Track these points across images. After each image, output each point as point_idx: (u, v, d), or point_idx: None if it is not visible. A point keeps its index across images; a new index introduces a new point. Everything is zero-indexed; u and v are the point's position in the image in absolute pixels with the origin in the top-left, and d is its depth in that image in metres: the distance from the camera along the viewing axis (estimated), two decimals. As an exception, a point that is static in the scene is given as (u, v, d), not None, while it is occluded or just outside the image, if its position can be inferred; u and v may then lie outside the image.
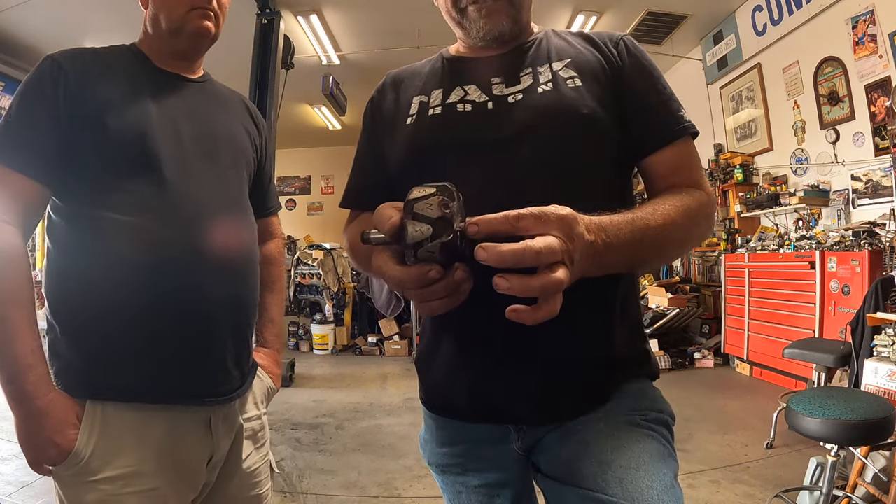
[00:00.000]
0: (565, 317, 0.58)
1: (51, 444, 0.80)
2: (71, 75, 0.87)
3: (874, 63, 3.70)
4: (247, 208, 1.03)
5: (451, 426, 0.84)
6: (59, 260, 0.87)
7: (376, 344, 6.32)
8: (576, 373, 0.74)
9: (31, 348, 0.79)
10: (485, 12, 0.78)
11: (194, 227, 0.88)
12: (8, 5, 4.37)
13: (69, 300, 0.86)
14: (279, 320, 1.16)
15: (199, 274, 0.88)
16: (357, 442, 3.21)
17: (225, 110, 1.05)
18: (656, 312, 5.05)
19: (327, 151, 9.52)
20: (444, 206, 0.50)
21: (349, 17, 5.06)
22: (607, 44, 0.81)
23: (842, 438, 1.63)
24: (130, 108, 0.88)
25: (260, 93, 4.10)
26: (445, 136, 0.78)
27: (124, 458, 0.83)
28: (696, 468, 2.65)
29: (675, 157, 0.77)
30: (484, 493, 0.82)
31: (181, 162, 0.90)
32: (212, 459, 0.93)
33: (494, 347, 0.73)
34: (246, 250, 0.98)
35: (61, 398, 0.82)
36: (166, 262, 0.85)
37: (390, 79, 0.92)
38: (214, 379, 0.91)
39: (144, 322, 0.84)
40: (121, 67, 0.93)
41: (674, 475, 0.71)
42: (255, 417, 1.02)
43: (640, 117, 0.77)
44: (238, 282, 0.95)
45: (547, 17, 5.01)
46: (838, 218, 4.04)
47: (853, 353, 2.64)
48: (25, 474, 2.54)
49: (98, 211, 0.85)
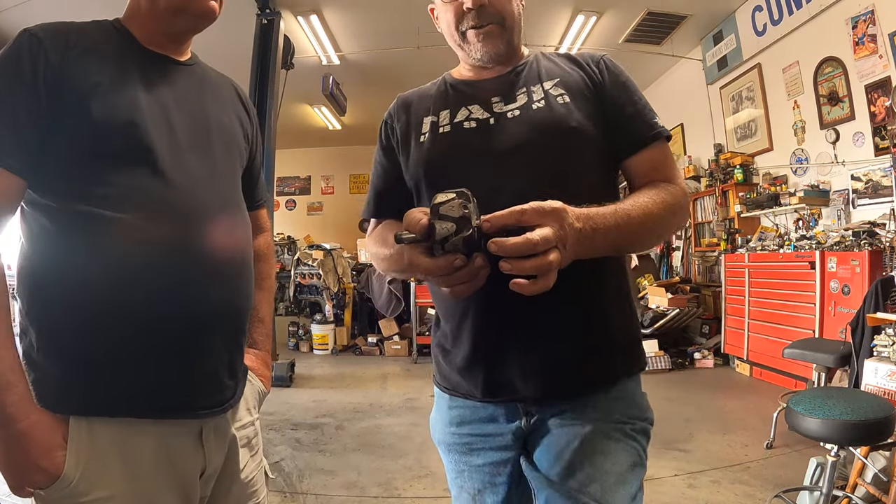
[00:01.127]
0: (570, 304, 0.82)
1: (36, 469, 0.72)
2: (52, 53, 0.77)
3: (874, 63, 3.70)
4: (241, 204, 0.96)
5: (463, 406, 0.94)
6: (35, 259, 0.79)
7: (376, 344, 6.31)
8: (576, 355, 0.86)
9: (9, 364, 0.71)
10: (482, 37, 0.90)
11: (189, 226, 0.81)
12: (8, 5, 4.37)
13: (46, 304, 0.78)
14: (268, 320, 1.09)
15: (194, 277, 0.81)
16: (357, 442, 3.21)
17: (216, 97, 0.97)
18: (656, 312, 5.05)
19: (327, 151, 9.52)
20: (463, 207, 0.64)
21: (349, 17, 5.06)
22: (590, 63, 0.94)
23: (842, 438, 1.63)
24: (118, 92, 0.80)
25: (260, 93, 4.10)
26: (456, 150, 0.90)
27: (114, 476, 0.77)
28: (696, 468, 2.65)
29: (651, 158, 0.90)
30: (486, 471, 0.92)
31: (174, 153, 0.82)
32: (204, 473, 0.86)
33: (507, 331, 0.85)
34: (240, 250, 0.91)
35: (45, 418, 0.73)
36: (158, 263, 0.78)
37: (399, 102, 1.03)
38: (207, 389, 0.85)
39: (133, 329, 0.77)
40: (106, 46, 0.83)
41: (640, 482, 0.86)
42: (248, 424, 0.96)
43: (620, 126, 0.90)
44: (234, 286, 0.88)
45: (547, 17, 5.01)
46: (838, 218, 4.04)
47: (853, 353, 2.64)
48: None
49: (81, 206, 0.76)
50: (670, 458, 2.80)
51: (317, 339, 6.41)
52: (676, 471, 2.64)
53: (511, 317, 0.83)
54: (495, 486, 0.92)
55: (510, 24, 0.92)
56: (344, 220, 9.31)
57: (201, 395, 0.84)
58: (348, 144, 9.20)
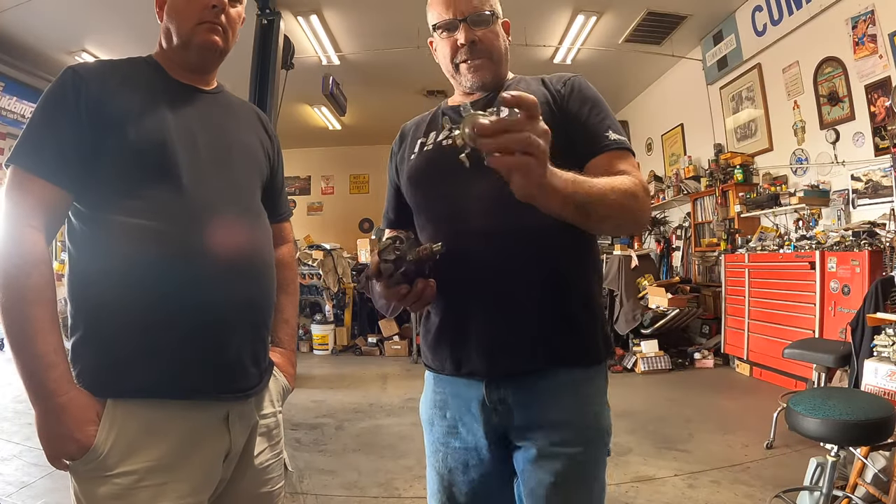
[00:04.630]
0: (524, 293, 0.94)
1: (70, 439, 0.82)
2: (92, 84, 0.90)
3: (874, 63, 3.70)
4: (260, 212, 1.06)
5: (443, 386, 1.05)
6: (80, 264, 0.91)
7: (376, 344, 6.31)
8: (524, 336, 0.95)
9: (53, 347, 0.82)
10: (472, 69, 1.03)
11: (210, 230, 0.92)
12: (8, 5, 4.37)
13: (91, 303, 0.89)
14: (293, 321, 1.20)
15: (214, 274, 0.91)
16: (357, 442, 3.21)
17: (238, 120, 1.09)
18: (656, 312, 5.05)
19: (327, 151, 9.52)
20: (395, 249, 0.82)
21: (349, 17, 5.06)
22: (555, 84, 1.03)
23: (842, 438, 1.63)
24: (149, 117, 0.92)
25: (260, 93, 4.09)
26: (433, 163, 1.03)
27: (142, 454, 0.85)
28: (696, 468, 2.65)
29: (609, 160, 0.95)
30: (461, 454, 1.01)
31: (197, 169, 0.94)
32: (228, 455, 0.95)
33: (467, 317, 0.97)
34: (259, 251, 1.01)
35: (81, 395, 0.84)
36: (182, 263, 0.89)
37: (401, 131, 1.18)
38: (233, 376, 0.94)
39: (162, 322, 0.87)
40: (139, 78, 0.97)
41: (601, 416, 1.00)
42: (270, 415, 1.05)
43: (580, 135, 0.97)
44: (253, 281, 0.98)
45: (547, 17, 5.01)
46: (838, 218, 4.04)
47: (853, 354, 2.63)
48: (25, 474, 2.54)
49: (117, 216, 0.88)
50: (670, 458, 2.80)
51: (317, 340, 6.41)
52: (676, 471, 2.64)
53: (472, 309, 0.96)
54: (467, 467, 1.01)
55: (497, 57, 1.04)
56: (344, 220, 9.31)
57: (225, 380, 0.93)
58: (348, 144, 9.20)
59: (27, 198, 0.85)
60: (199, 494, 0.90)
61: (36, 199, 0.86)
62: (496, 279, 0.94)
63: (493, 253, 0.93)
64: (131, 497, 0.84)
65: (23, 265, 0.82)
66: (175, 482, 0.87)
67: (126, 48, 1.25)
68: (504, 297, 0.94)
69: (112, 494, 0.84)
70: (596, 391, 1.00)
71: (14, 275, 0.82)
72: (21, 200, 0.85)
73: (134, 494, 0.84)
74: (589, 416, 0.98)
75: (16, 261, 0.82)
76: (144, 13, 1.02)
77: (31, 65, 5.31)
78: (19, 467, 2.64)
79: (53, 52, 5.31)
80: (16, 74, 5.23)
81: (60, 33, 5.02)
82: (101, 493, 0.84)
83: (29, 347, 0.81)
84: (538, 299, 0.95)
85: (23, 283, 0.82)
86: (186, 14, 0.96)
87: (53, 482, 2.41)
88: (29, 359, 0.81)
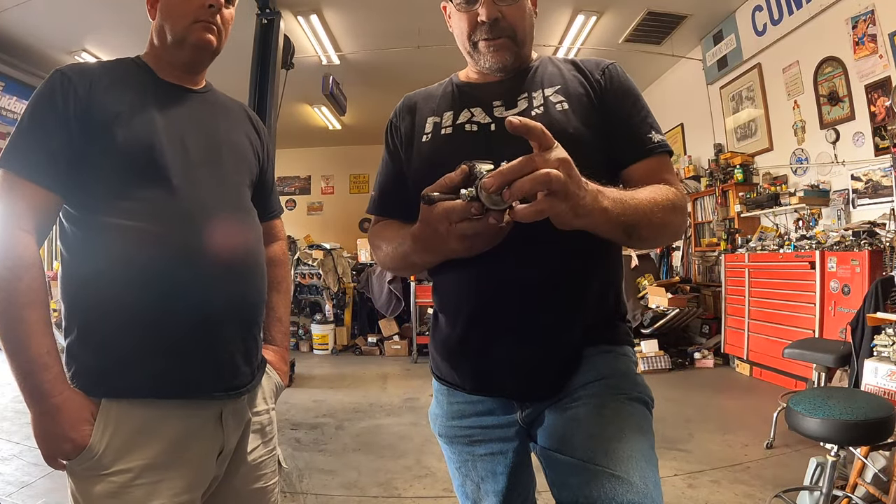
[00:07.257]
0: (553, 308, 0.86)
1: (65, 439, 0.83)
2: (80, 87, 0.90)
3: (874, 63, 3.70)
4: (250, 210, 1.07)
5: (461, 400, 0.98)
6: (73, 266, 0.91)
7: (376, 344, 6.31)
8: (556, 357, 0.89)
9: (46, 349, 0.83)
10: (493, 49, 0.91)
11: (200, 230, 0.92)
12: (8, 5, 4.37)
13: (83, 304, 0.89)
14: (286, 319, 1.20)
15: (206, 273, 0.92)
16: (357, 442, 3.21)
17: (227, 119, 1.09)
18: (656, 312, 5.05)
19: (327, 151, 9.52)
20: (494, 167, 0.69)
21: (349, 17, 5.06)
22: (594, 72, 0.95)
23: (842, 438, 1.63)
24: (137, 118, 0.92)
25: (260, 93, 4.09)
26: (456, 152, 0.89)
27: (137, 453, 0.86)
28: (696, 468, 2.65)
29: (649, 167, 0.90)
30: (488, 460, 0.96)
31: (187, 169, 0.94)
32: (222, 452, 0.96)
33: (494, 330, 0.88)
34: (250, 249, 1.01)
35: (76, 396, 0.85)
36: (174, 263, 0.89)
37: (405, 102, 1.05)
38: (225, 374, 0.95)
39: (155, 322, 0.88)
40: (127, 79, 0.96)
41: (650, 446, 0.84)
42: (263, 412, 1.06)
43: (620, 135, 0.91)
44: (244, 280, 0.98)
45: (547, 17, 4.99)
46: (838, 218, 4.04)
47: (853, 353, 2.63)
48: (25, 474, 2.54)
49: (108, 217, 0.89)
50: (670, 458, 2.80)
51: (317, 339, 6.41)
52: (676, 471, 2.64)
53: (498, 321, 0.88)
54: (496, 475, 0.96)
55: (521, 37, 0.93)
56: (344, 219, 9.31)
57: (218, 378, 0.94)
58: (348, 144, 9.20)
59: (17, 201, 0.86)
60: (193, 491, 0.91)
61: (26, 203, 0.86)
62: (527, 294, 0.86)
63: (523, 263, 0.85)
64: (127, 495, 0.85)
65: (15, 268, 0.83)
66: (169, 480, 0.88)
67: (126, 48, 1.25)
68: (535, 316, 0.87)
69: (108, 492, 0.85)
70: (627, 361, 0.94)
71: (6, 278, 0.82)
72: (11, 204, 0.86)
73: (129, 492, 0.85)
74: (620, 370, 0.91)
75: (7, 264, 0.83)
76: (144, 13, 1.02)
77: (31, 65, 5.31)
78: (19, 467, 2.64)
79: (53, 52, 5.32)
80: (16, 74, 5.23)
81: (60, 33, 5.02)
82: (96, 491, 0.85)
83: (23, 350, 0.82)
84: (572, 317, 0.88)
85: (15, 286, 0.82)
86: (182, 12, 0.96)
87: (53, 482, 2.41)
88: (23, 361, 0.82)
